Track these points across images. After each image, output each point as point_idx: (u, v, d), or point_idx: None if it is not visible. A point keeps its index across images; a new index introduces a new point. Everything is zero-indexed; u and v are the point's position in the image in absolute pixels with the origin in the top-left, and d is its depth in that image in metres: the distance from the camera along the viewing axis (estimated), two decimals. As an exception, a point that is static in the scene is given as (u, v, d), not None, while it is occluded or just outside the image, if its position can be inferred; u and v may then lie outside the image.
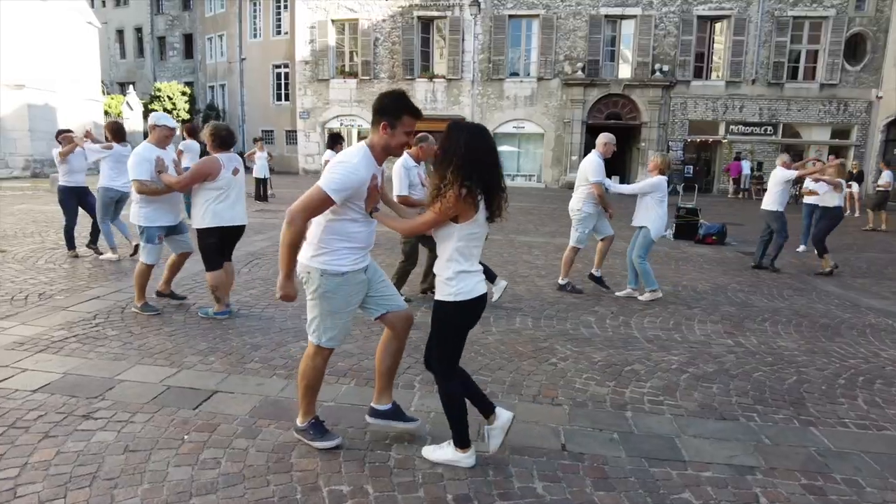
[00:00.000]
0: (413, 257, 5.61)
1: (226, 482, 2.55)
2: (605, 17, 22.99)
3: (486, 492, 2.56)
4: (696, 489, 2.65)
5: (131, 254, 7.23)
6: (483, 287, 2.64)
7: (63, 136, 7.38)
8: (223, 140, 4.77)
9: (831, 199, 8.22)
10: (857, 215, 15.73)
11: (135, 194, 4.89)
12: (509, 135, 24.42)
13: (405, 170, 5.32)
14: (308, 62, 25.44)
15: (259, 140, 16.05)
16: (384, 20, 24.35)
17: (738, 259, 9.13)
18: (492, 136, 2.58)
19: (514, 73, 24.31)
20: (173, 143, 5.47)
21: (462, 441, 2.71)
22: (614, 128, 20.04)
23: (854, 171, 16.63)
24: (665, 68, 22.75)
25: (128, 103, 23.96)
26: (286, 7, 27.78)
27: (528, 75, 24.12)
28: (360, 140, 2.78)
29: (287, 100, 28.65)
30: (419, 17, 24.16)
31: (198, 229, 4.78)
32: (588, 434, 3.15)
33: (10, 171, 19.31)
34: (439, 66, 24.71)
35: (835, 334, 5.23)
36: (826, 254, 8.10)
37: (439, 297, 2.62)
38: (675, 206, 10.69)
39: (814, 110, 22.66)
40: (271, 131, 28.73)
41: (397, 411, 2.98)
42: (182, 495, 2.45)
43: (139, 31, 36.20)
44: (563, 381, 3.88)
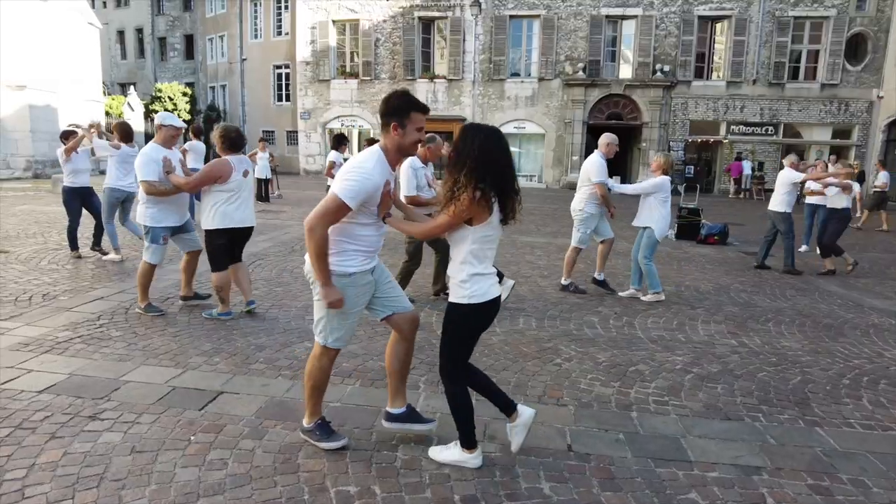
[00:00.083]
0: (417, 257, 5.61)
1: (233, 483, 2.55)
2: (606, 17, 22.99)
3: (493, 492, 2.56)
4: (703, 489, 2.65)
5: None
6: (497, 290, 2.64)
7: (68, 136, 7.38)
8: (233, 142, 4.77)
9: (840, 200, 8.19)
10: (858, 215, 15.71)
11: (141, 194, 4.90)
12: (510, 135, 24.31)
13: (413, 170, 5.31)
14: (309, 63, 25.46)
15: (262, 140, 16.06)
16: (385, 20, 24.36)
17: (740, 259, 9.13)
18: (505, 139, 2.57)
19: (515, 74, 24.31)
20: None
21: (469, 442, 2.71)
22: (615, 128, 19.97)
23: (856, 172, 16.60)
24: (666, 68, 22.75)
25: (129, 104, 23.99)
26: (287, 7, 27.78)
27: (529, 76, 24.13)
28: (364, 141, 2.78)
29: (288, 100, 28.66)
30: (420, 18, 24.17)
31: (207, 230, 4.78)
32: (594, 434, 3.15)
33: (11, 172, 19.33)
34: (440, 66, 24.72)
35: (838, 334, 5.23)
36: (842, 253, 8.09)
37: (453, 299, 2.62)
38: (677, 207, 10.68)
39: (815, 110, 22.66)
40: (272, 132, 28.72)
41: (412, 414, 2.97)
42: (189, 496, 2.45)
43: (140, 31, 36.23)
44: (568, 381, 3.88)
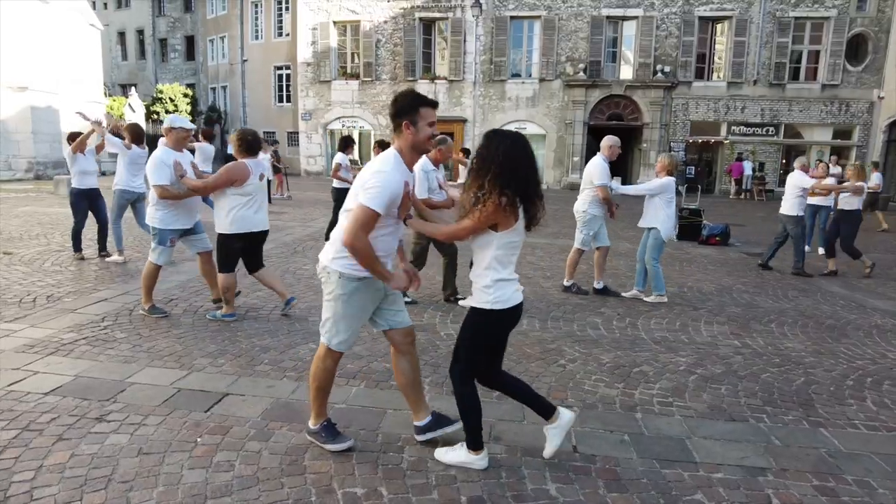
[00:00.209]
0: (422, 258, 5.61)
1: (240, 485, 2.56)
2: (607, 18, 22.98)
3: (499, 493, 2.57)
4: (709, 490, 2.66)
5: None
6: (520, 296, 2.64)
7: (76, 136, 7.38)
8: (249, 145, 4.77)
9: (851, 201, 8.15)
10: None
11: (152, 196, 4.91)
12: (511, 136, 24.38)
13: (424, 173, 5.25)
14: (310, 64, 25.46)
15: (264, 141, 16.08)
16: (386, 21, 24.37)
17: (742, 260, 9.14)
18: (530, 144, 2.57)
19: (515, 75, 24.30)
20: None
21: (475, 443, 2.72)
22: (616, 129, 20.02)
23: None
24: (667, 69, 22.76)
25: (130, 105, 23.96)
26: (288, 9, 27.77)
27: (530, 76, 24.11)
28: (375, 143, 2.79)
29: (289, 101, 28.64)
30: (421, 19, 24.17)
31: (224, 234, 4.76)
32: (599, 436, 3.16)
33: (13, 174, 19.35)
34: (441, 67, 24.71)
35: (841, 335, 5.24)
36: (860, 256, 8.10)
37: (476, 303, 2.61)
38: (679, 207, 10.68)
39: (815, 111, 22.65)
40: (273, 133, 28.71)
41: (439, 419, 2.97)
42: (197, 498, 2.46)
43: (141, 33, 36.23)
44: (573, 382, 3.89)
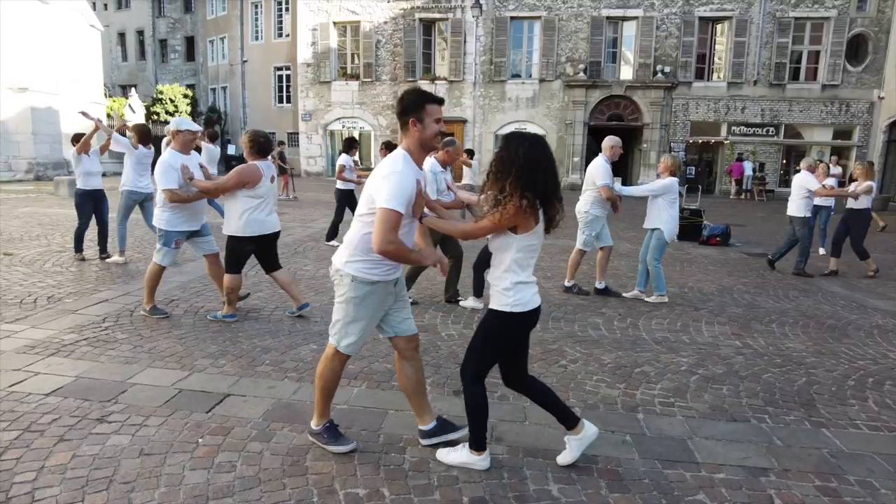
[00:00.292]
0: None
1: (242, 486, 2.56)
2: (607, 18, 22.98)
3: (501, 494, 2.57)
4: (711, 490, 2.66)
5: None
6: (538, 299, 2.64)
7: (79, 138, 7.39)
8: (261, 147, 4.76)
9: (861, 201, 8.11)
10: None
11: (159, 197, 4.91)
12: (511, 136, 24.39)
13: (432, 175, 5.24)
14: (310, 64, 25.46)
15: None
16: (386, 22, 24.37)
17: (742, 260, 9.13)
18: (549, 146, 2.57)
19: (515, 75, 24.30)
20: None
21: (478, 444, 2.72)
22: (616, 129, 20.01)
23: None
24: (667, 69, 22.76)
25: (130, 106, 23.96)
26: (287, 9, 27.77)
27: (530, 77, 24.11)
28: (381, 145, 2.78)
29: (289, 102, 28.64)
30: (421, 19, 24.18)
31: (235, 237, 4.75)
32: (601, 436, 3.12)
33: (13, 175, 19.34)
34: (441, 67, 24.71)
35: (842, 335, 5.24)
36: (867, 258, 8.08)
37: (495, 306, 2.61)
38: (679, 208, 10.67)
39: (815, 111, 22.65)
40: (273, 133, 28.71)
41: (444, 424, 2.97)
42: (199, 499, 2.46)
43: (141, 33, 36.22)
44: (574, 383, 3.89)
